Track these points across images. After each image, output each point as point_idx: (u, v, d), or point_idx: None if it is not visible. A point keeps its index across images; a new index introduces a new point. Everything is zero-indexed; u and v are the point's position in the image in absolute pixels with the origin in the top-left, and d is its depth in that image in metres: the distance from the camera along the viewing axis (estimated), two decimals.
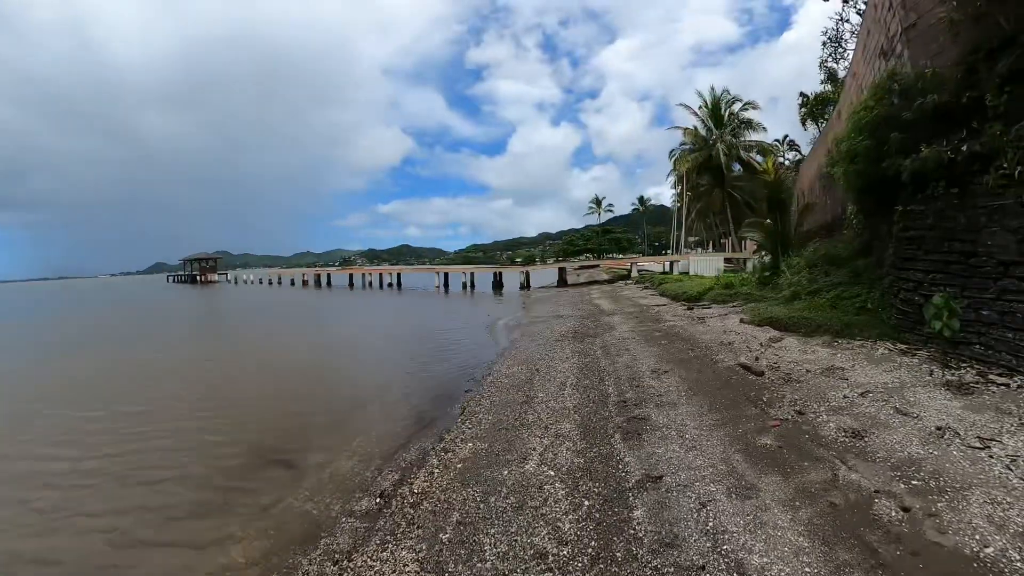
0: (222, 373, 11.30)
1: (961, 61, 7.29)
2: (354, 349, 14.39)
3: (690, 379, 7.11)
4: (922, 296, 7.56)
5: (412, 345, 14.24)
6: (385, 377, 10.27)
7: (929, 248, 7.39)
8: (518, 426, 5.97)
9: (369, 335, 16.97)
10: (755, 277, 16.10)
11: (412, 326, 19.19)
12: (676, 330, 11.04)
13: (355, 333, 17.73)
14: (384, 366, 11.65)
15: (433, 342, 14.14)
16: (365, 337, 16.57)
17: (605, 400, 6.57)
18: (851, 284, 9.96)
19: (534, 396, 7.11)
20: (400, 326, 19.63)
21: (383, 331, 18.08)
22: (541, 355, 9.92)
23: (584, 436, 5.41)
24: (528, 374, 8.46)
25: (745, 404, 5.91)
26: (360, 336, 16.88)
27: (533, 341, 11.79)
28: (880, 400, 5.65)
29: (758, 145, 35.32)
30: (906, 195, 7.98)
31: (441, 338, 14.65)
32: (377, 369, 11.42)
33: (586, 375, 7.94)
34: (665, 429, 5.33)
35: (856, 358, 7.28)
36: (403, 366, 11.11)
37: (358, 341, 15.72)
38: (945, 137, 7.19)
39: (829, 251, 11.83)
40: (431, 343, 13.96)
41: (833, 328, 8.61)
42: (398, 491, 4.87)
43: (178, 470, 6.16)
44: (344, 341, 15.93)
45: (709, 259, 31.58)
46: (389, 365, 11.63)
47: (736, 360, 7.69)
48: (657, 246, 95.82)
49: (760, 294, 13.54)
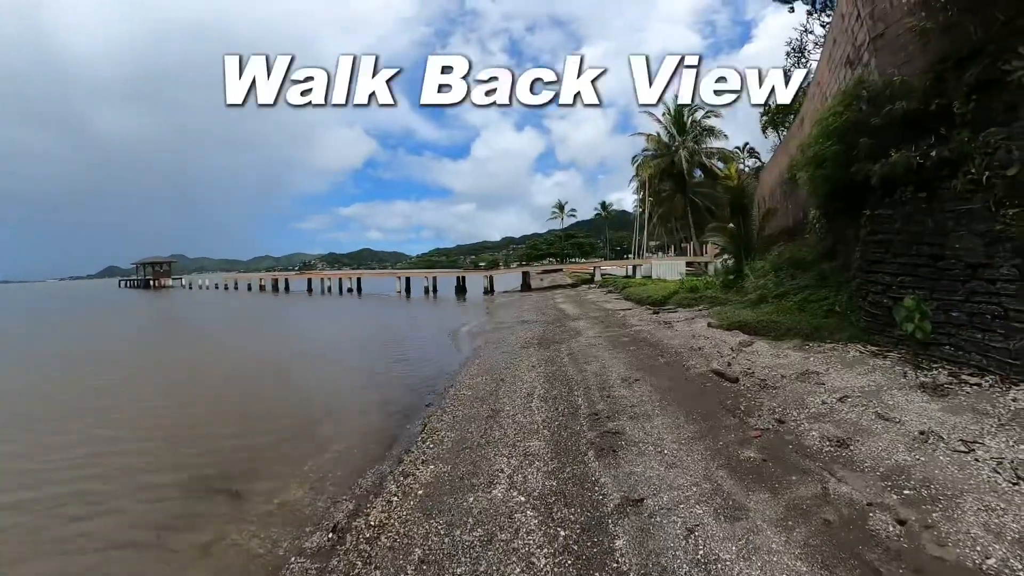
0: (163, 390, 10.27)
1: (929, 70, 7.40)
2: (308, 360, 13.40)
3: (663, 387, 6.79)
4: (891, 299, 7.58)
5: (370, 355, 13.49)
6: (340, 391, 9.60)
7: (897, 251, 7.46)
8: (484, 444, 5.48)
9: (325, 344, 15.93)
10: (719, 280, 16.12)
11: (371, 334, 18.32)
12: (644, 335, 10.79)
13: (310, 342, 16.56)
14: (339, 379, 10.88)
15: (393, 351, 13.46)
16: (320, 347, 15.50)
17: (576, 412, 6.16)
18: (818, 287, 9.93)
19: (500, 409, 6.65)
20: (359, 334, 18.71)
21: (340, 340, 17.15)
22: (506, 364, 9.47)
23: (556, 454, 4.97)
24: (493, 385, 7.99)
25: (723, 414, 5.61)
26: (315, 345, 15.76)
27: (498, 349, 11.33)
28: (860, 405, 5.50)
29: (719, 152, 36.02)
30: (874, 199, 8.08)
31: (401, 347, 13.98)
32: (332, 382, 10.62)
33: (554, 385, 7.53)
34: (642, 444, 4.95)
35: (829, 361, 7.14)
36: (360, 379, 10.45)
37: (312, 351, 14.65)
38: (913, 143, 7.27)
39: (794, 255, 11.85)
40: (390, 353, 13.26)
41: (803, 331, 8.50)
42: (353, 524, 4.31)
43: (106, 505, 5.37)
44: (298, 351, 14.87)
45: (671, 263, 31.88)
46: (345, 378, 10.89)
47: (708, 366, 7.44)
48: (619, 250, 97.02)
49: (725, 297, 13.50)
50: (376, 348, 14.69)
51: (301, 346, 15.60)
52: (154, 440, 7.22)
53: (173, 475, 6.03)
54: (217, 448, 6.80)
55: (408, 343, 14.59)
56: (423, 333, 16.54)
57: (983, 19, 6.66)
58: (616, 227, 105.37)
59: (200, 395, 9.78)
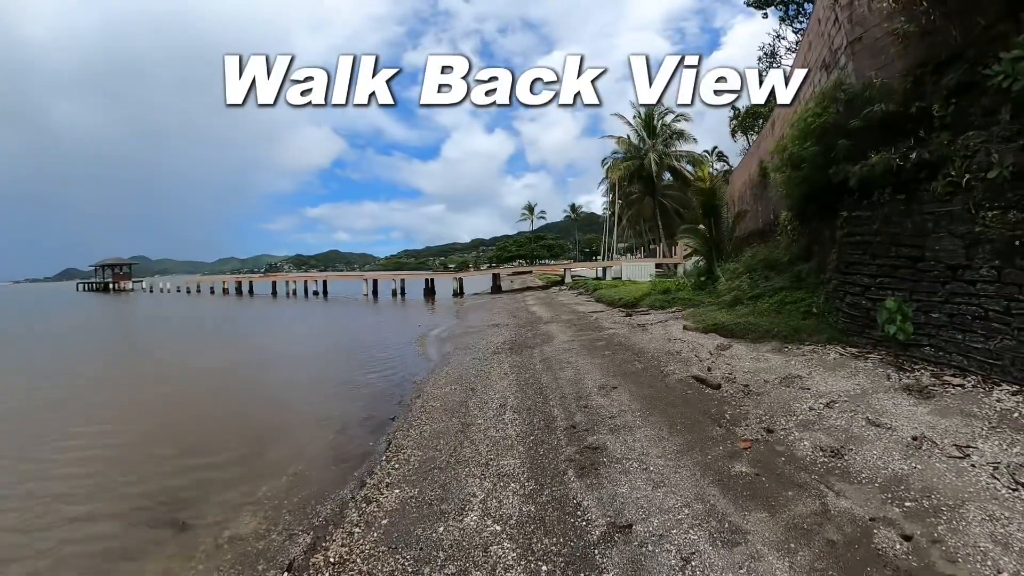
0: (107, 407, 9.34)
1: (908, 73, 7.47)
2: (267, 370, 12.51)
3: (642, 395, 6.46)
4: (869, 300, 7.54)
5: (333, 364, 12.76)
6: (300, 404, 8.90)
7: (876, 253, 7.45)
8: (454, 464, 5.02)
9: (286, 352, 15.03)
10: (691, 282, 16.05)
11: (335, 340, 17.43)
12: (619, 339, 10.50)
13: (270, 350, 15.64)
14: (299, 390, 10.11)
15: (357, 359, 12.78)
16: (281, 354, 14.60)
17: (552, 425, 5.75)
18: (794, 289, 9.84)
19: (471, 422, 6.19)
20: (322, 340, 17.82)
21: (302, 346, 16.28)
22: (477, 371, 9.02)
23: (532, 474, 4.56)
24: (463, 395, 7.53)
25: (708, 423, 5.30)
26: (276, 353, 14.86)
27: (468, 355, 10.85)
28: (848, 410, 5.33)
29: (689, 155, 36.40)
30: (851, 201, 8.12)
31: (366, 354, 13.26)
32: (291, 394, 9.86)
33: (528, 394, 7.12)
34: (625, 460, 4.59)
35: (811, 364, 6.97)
36: (321, 390, 9.75)
37: (272, 360, 13.78)
38: (892, 145, 7.33)
39: (767, 256, 11.78)
40: (355, 360, 12.57)
41: (781, 333, 8.36)
42: (310, 561, 3.78)
43: (33, 547, 4.63)
44: (257, 360, 13.90)
45: (641, 265, 32.01)
46: (305, 389, 10.13)
47: (688, 371, 7.16)
48: (588, 252, 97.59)
49: (698, 299, 13.38)
50: (339, 356, 13.97)
51: (260, 355, 14.61)
52: (92, 464, 6.46)
53: (112, 504, 5.35)
54: (164, 472, 6.11)
55: (373, 350, 13.88)
56: (390, 338, 15.81)
57: (964, 24, 6.76)
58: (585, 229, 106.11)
59: (147, 411, 8.88)
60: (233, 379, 11.38)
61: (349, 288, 44.89)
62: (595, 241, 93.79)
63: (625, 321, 13.04)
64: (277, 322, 25.57)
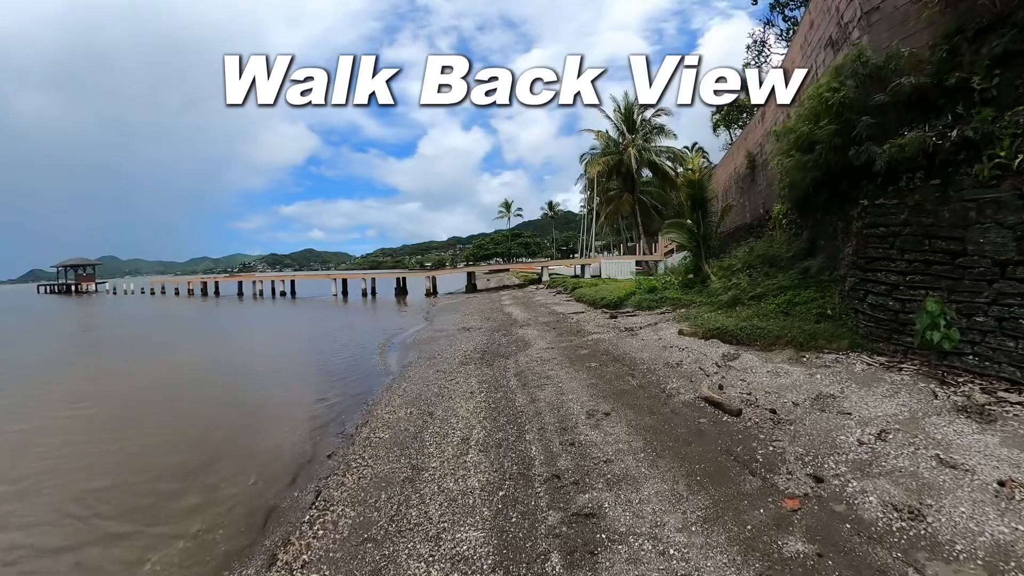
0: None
1: (940, 43, 6.53)
2: (190, 392, 10.04)
3: (644, 426, 5.11)
4: (897, 300, 6.49)
5: (276, 379, 10.97)
6: (221, 438, 7.00)
7: (904, 246, 6.44)
8: (394, 534, 3.59)
9: (224, 367, 12.91)
10: (677, 280, 14.89)
11: (287, 350, 15.30)
12: (605, 346, 9.18)
13: (214, 362, 13.43)
14: (226, 419, 7.97)
15: (305, 372, 11.11)
16: (217, 370, 12.43)
17: (528, 473, 4.36)
18: (800, 287, 8.69)
19: (424, 465, 4.76)
20: (273, 350, 15.73)
21: (247, 359, 14.09)
22: (439, 388, 7.57)
23: (501, 559, 3.16)
24: (419, 422, 6.09)
25: (737, 470, 4.02)
26: (210, 369, 12.60)
27: (432, 366, 9.33)
28: (906, 444, 4.16)
29: (669, 150, 35.42)
30: (873, 188, 7.04)
31: (319, 367, 11.45)
32: (213, 425, 7.65)
33: (499, 423, 5.70)
34: (632, 537, 3.21)
35: (840, 379, 5.80)
36: (252, 416, 7.96)
37: (203, 377, 11.45)
38: (925, 122, 6.39)
39: (766, 251, 10.63)
40: (302, 377, 10.78)
41: (796, 340, 7.20)
42: None
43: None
44: (195, 376, 11.61)
45: (621, 262, 30.90)
46: (233, 417, 8.07)
47: (696, 391, 5.88)
48: (565, 250, 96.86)
49: (689, 298, 12.18)
50: (289, 366, 12.20)
51: (189, 371, 12.08)
52: None
53: None
54: (38, 540, 4.58)
55: (327, 360, 12.08)
56: (349, 346, 13.98)
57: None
58: (562, 227, 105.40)
59: (35, 455, 7.15)
60: (163, 400, 9.36)
61: (319, 288, 42.79)
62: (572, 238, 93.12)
63: (610, 324, 11.74)
64: (237, 327, 23.53)
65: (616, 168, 34.85)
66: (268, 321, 25.82)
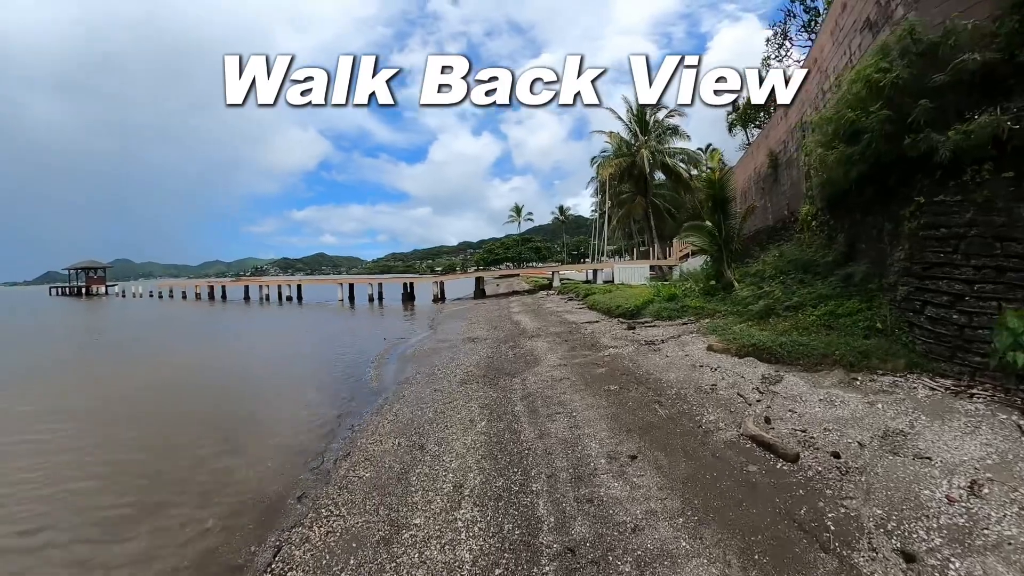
0: None
1: (1005, 15, 5.73)
2: (174, 403, 9.21)
3: (678, 476, 4.13)
4: (963, 313, 5.56)
5: (260, 395, 9.97)
6: (188, 468, 5.98)
7: (971, 251, 5.52)
8: None
9: (211, 374, 12.07)
10: (699, 287, 13.86)
11: (280, 359, 14.27)
12: (624, 363, 8.21)
13: (201, 376, 12.17)
14: (195, 438, 7.04)
15: (292, 388, 10.16)
16: (203, 377, 11.68)
17: (534, 541, 3.41)
18: (843, 297, 7.69)
19: (405, 522, 3.84)
20: (266, 355, 15.01)
21: (233, 371, 12.76)
22: (435, 414, 6.65)
23: None
24: (407, 458, 5.16)
25: (804, 543, 3.06)
26: (196, 375, 11.87)
27: (430, 384, 8.40)
28: (1007, 500, 3.26)
29: (682, 152, 34.36)
30: (931, 182, 6.06)
31: (309, 380, 10.61)
32: (183, 445, 6.79)
33: (500, 465, 4.75)
34: None
35: (904, 408, 4.84)
36: (225, 440, 6.91)
37: (187, 386, 10.63)
38: (994, 105, 5.53)
39: (799, 256, 9.62)
40: (288, 389, 9.95)
41: (844, 359, 6.20)
42: None
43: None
44: (165, 388, 10.55)
45: (635, 267, 29.85)
46: (207, 436, 7.08)
47: (739, 425, 4.90)
48: (576, 255, 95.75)
49: (712, 307, 11.15)
50: (276, 380, 11.21)
51: (182, 381, 11.34)
52: None
53: None
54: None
55: (321, 370, 11.29)
56: (346, 356, 13.02)
57: None
58: (572, 232, 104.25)
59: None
60: (137, 426, 8.59)
61: (326, 293, 42.20)
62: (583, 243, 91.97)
63: (628, 336, 10.76)
64: (236, 333, 22.75)
65: (628, 170, 33.86)
66: (268, 326, 25.07)
